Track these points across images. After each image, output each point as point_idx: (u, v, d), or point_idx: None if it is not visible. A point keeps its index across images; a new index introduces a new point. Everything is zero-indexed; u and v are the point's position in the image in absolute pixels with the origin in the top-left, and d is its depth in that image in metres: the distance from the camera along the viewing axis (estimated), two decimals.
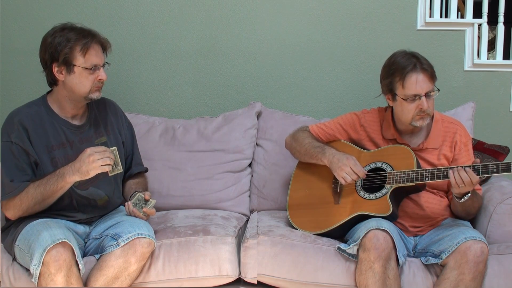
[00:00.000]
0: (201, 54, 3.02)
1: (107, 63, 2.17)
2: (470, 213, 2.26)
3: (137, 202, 2.18)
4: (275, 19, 2.99)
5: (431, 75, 2.18)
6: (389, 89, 2.24)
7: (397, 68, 2.19)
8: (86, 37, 2.09)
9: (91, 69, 2.09)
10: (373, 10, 2.97)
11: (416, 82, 2.16)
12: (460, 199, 2.12)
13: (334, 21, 2.98)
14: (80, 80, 2.09)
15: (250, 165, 2.80)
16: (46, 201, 2.06)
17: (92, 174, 2.00)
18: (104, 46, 2.16)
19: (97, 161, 1.97)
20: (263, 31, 3.00)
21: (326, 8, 2.98)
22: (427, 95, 2.18)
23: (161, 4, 2.99)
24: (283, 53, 3.01)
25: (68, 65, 2.07)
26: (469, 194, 2.10)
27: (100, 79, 2.12)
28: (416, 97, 2.17)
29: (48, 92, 2.22)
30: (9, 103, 2.99)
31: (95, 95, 2.14)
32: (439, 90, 2.21)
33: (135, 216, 2.15)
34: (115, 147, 2.07)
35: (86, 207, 2.20)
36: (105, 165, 1.99)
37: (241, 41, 3.01)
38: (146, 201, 2.19)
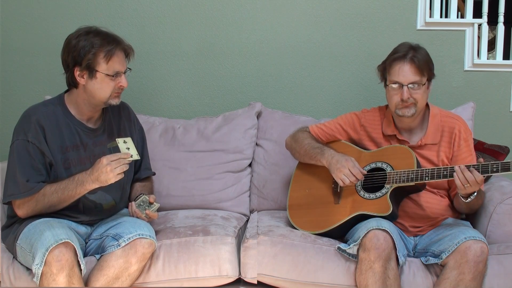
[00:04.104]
0: (201, 54, 3.02)
1: (129, 68, 2.16)
2: (473, 210, 2.26)
3: (141, 203, 2.19)
4: (275, 19, 2.99)
5: (419, 67, 2.19)
6: (382, 74, 2.30)
7: (390, 54, 2.26)
8: (111, 43, 2.08)
9: (113, 75, 2.09)
10: (373, 10, 2.97)
11: (399, 71, 2.19)
12: (467, 199, 2.11)
13: (334, 21, 2.98)
14: (101, 86, 2.09)
15: (250, 165, 2.80)
16: (60, 205, 2.07)
17: (111, 182, 1.99)
18: (127, 52, 2.15)
19: (114, 170, 1.96)
20: (263, 31, 3.00)
21: (326, 8, 2.98)
22: (410, 86, 2.19)
23: (161, 4, 2.99)
24: (283, 53, 3.01)
25: (91, 70, 2.06)
26: (475, 194, 2.09)
27: (120, 85, 2.11)
28: (398, 85, 2.20)
29: (66, 91, 2.20)
30: (9, 103, 2.99)
31: (114, 101, 2.14)
32: (427, 84, 2.22)
33: (137, 217, 2.15)
34: (129, 138, 2.09)
35: (92, 210, 2.20)
36: (122, 172, 1.99)
37: (241, 41, 3.01)
38: (150, 203, 2.19)
